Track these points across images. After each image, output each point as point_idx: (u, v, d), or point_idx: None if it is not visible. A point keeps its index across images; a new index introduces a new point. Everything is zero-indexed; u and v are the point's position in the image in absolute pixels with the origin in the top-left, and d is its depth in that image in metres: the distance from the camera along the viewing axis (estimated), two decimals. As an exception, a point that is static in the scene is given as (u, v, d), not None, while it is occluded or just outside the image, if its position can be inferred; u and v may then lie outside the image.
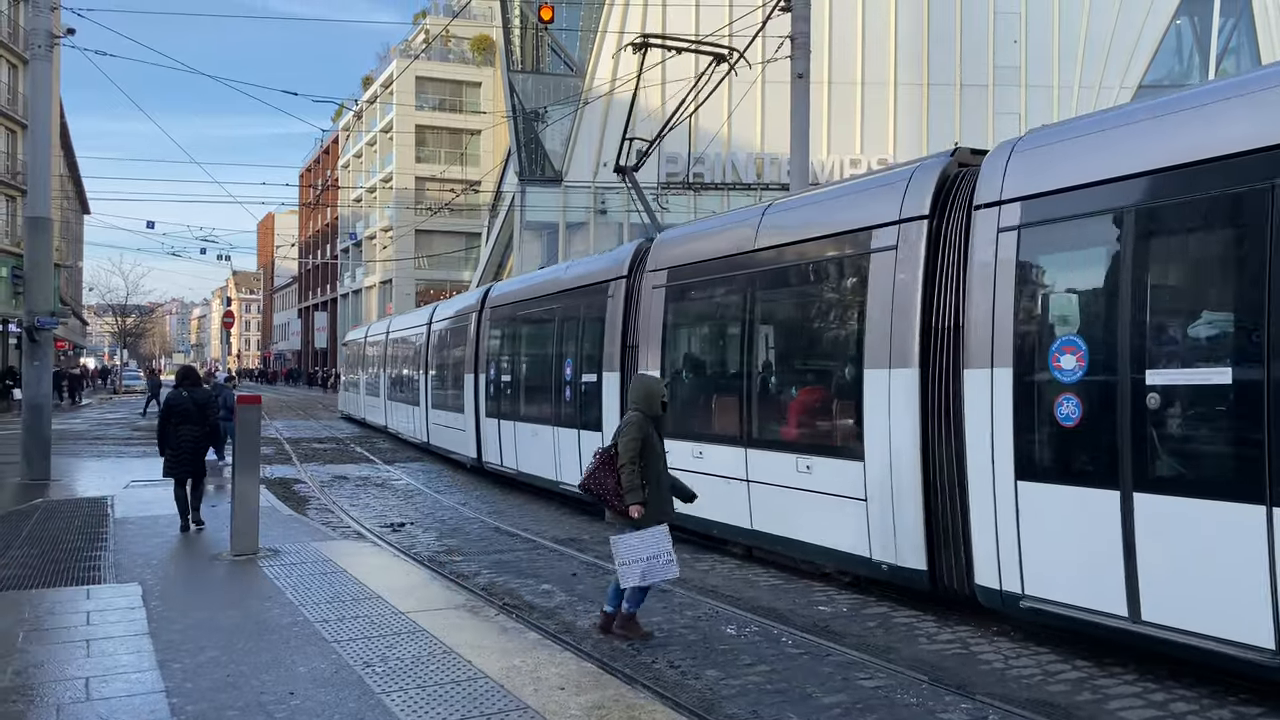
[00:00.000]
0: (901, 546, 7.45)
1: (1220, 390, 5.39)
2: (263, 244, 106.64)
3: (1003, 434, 6.52)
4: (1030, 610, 6.34)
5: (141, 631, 6.25)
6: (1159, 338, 5.75)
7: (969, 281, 6.97)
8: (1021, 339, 6.52)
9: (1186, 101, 5.88)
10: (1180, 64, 40.03)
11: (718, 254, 9.97)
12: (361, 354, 31.23)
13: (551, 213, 39.08)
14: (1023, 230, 6.64)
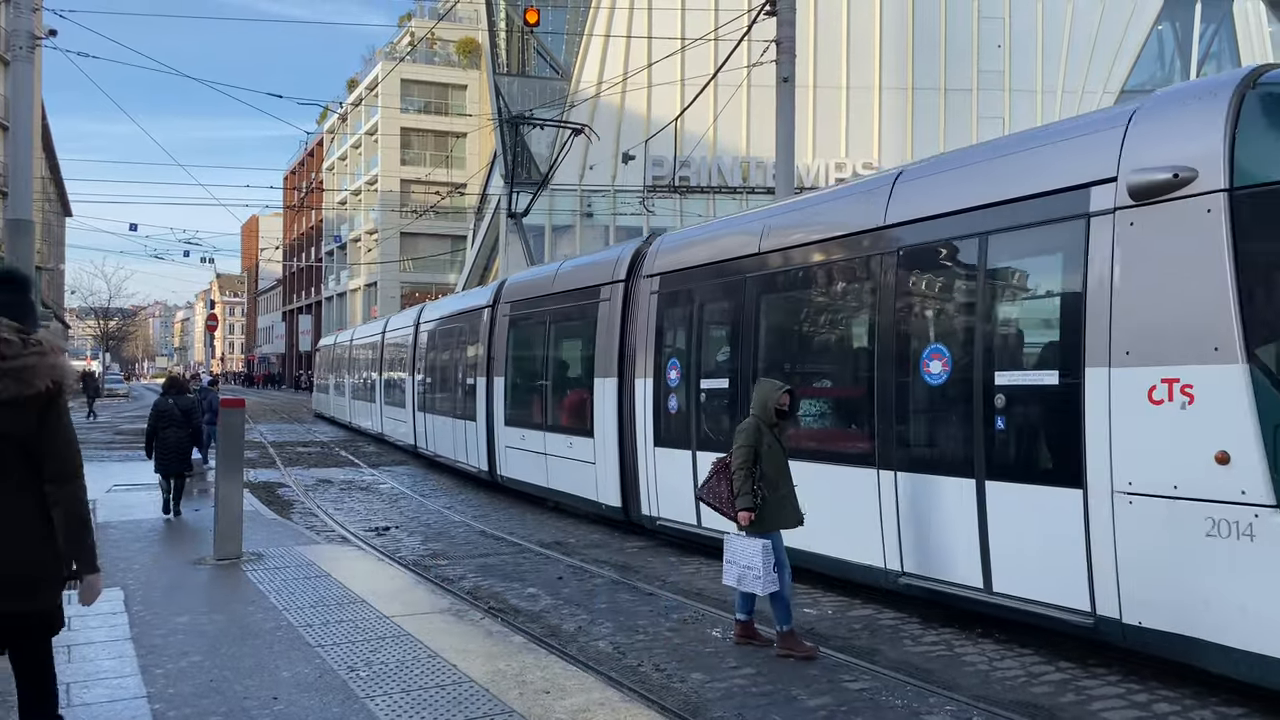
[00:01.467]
0: (610, 493, 11.42)
1: (727, 392, 9.58)
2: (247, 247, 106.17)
3: (648, 418, 10.68)
4: (660, 526, 10.52)
5: (124, 636, 6.20)
6: (707, 359, 10.05)
7: (635, 323, 11.09)
8: (655, 360, 10.65)
9: (728, 226, 10.60)
10: (1162, 69, 40.36)
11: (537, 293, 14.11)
12: (330, 358, 35.21)
13: (538, 215, 39.03)
14: (659, 293, 10.73)
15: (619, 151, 32.87)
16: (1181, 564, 5.44)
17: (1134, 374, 5.72)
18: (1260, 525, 5.06)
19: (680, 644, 6.68)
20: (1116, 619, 5.79)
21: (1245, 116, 5.49)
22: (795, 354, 9.33)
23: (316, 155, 77.34)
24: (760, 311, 9.27)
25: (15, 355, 3.23)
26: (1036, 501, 6.23)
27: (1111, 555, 5.77)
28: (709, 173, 38.74)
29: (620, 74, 35.27)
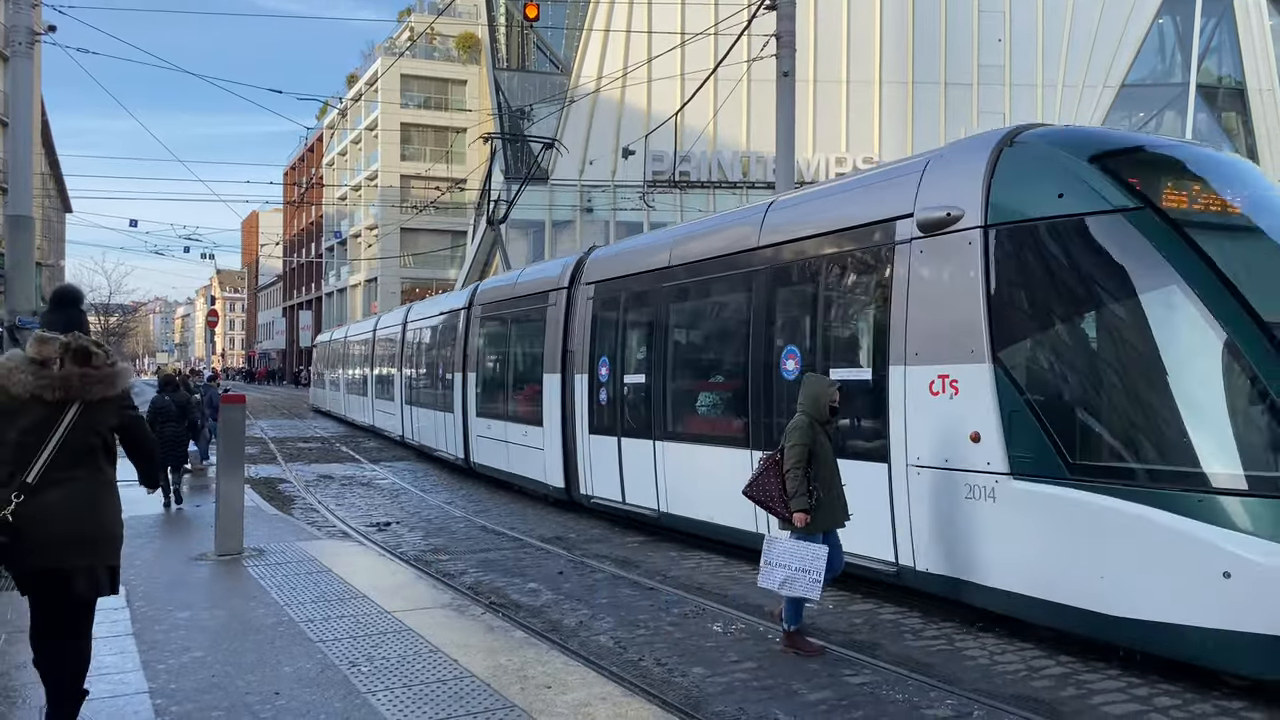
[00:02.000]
0: (556, 475, 12.83)
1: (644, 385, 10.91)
2: (247, 242, 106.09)
3: (584, 409, 12.05)
4: (594, 504, 11.92)
5: (125, 632, 6.21)
6: (630, 358, 11.33)
7: (575, 326, 12.52)
8: (590, 356, 12.00)
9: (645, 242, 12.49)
10: (1163, 63, 40.31)
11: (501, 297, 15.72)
12: (326, 354, 36.83)
13: (538, 211, 39.02)
14: (592, 299, 12.16)
15: (619, 146, 32.83)
16: (952, 521, 6.86)
17: (921, 371, 7.12)
18: (999, 489, 6.48)
19: (681, 638, 6.69)
20: (911, 567, 7.20)
21: (1000, 168, 6.85)
22: (694, 354, 10.79)
23: (316, 151, 77.22)
24: (669, 317, 10.76)
25: (105, 364, 4.16)
26: (860, 475, 7.39)
27: (907, 516, 7.22)
28: (709, 167, 38.70)
29: (620, 69, 35.22)
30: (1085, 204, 6.39)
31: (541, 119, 37.51)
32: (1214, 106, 40.36)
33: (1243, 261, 6.17)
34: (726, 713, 5.25)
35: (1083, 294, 6.52)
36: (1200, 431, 5.81)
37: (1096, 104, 39.13)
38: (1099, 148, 6.72)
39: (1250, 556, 5.28)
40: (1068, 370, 6.49)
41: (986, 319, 6.67)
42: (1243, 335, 5.75)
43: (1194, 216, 6.32)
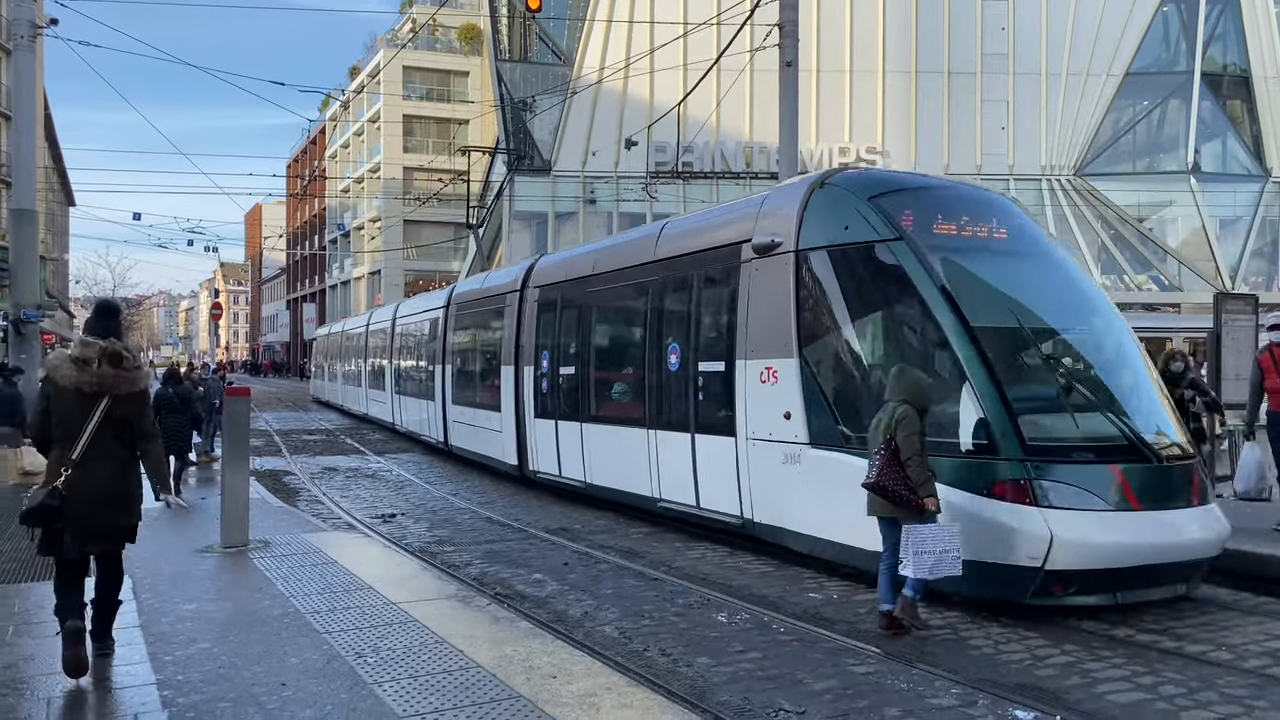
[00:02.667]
0: (511, 454, 14.53)
1: (573, 375, 12.58)
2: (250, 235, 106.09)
3: (530, 396, 13.72)
4: (539, 478, 13.53)
5: (132, 624, 6.22)
6: (563, 353, 12.91)
7: (524, 324, 14.18)
8: (535, 351, 13.66)
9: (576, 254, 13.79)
10: (1167, 51, 40.12)
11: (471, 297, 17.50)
12: (324, 348, 38.80)
13: (541, 202, 39.00)
14: (537, 301, 13.83)
15: (621, 137, 32.75)
16: (775, 482, 8.65)
17: (755, 364, 8.93)
18: (803, 455, 8.30)
19: (686, 629, 6.71)
20: (751, 519, 9.02)
21: (810, 206, 8.60)
22: (609, 349, 12.49)
23: (319, 143, 77.15)
24: (592, 317, 12.55)
25: (132, 366, 5.27)
26: (715, 446, 9.44)
27: (747, 479, 9.02)
28: (712, 158, 38.63)
29: (623, 59, 35.15)
30: (862, 234, 8.14)
31: (544, 110, 37.47)
32: (1218, 94, 40.20)
33: (964, 278, 7.84)
34: (731, 702, 5.26)
35: (856, 304, 8.36)
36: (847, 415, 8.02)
37: (1100, 92, 39.00)
38: (878, 189, 8.39)
39: (953, 500, 6.88)
40: (844, 362, 8.36)
41: (795, 322, 8.53)
42: (955, 337, 7.34)
43: (936, 243, 7.89)
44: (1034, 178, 39.20)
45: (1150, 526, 6.89)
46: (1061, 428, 7.23)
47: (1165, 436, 7.43)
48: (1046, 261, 8.45)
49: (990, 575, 6.81)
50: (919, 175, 10.22)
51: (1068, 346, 8.14)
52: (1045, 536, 6.60)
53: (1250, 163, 40.28)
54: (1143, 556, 6.79)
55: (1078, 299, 8.41)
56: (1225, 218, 40.05)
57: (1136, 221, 39.66)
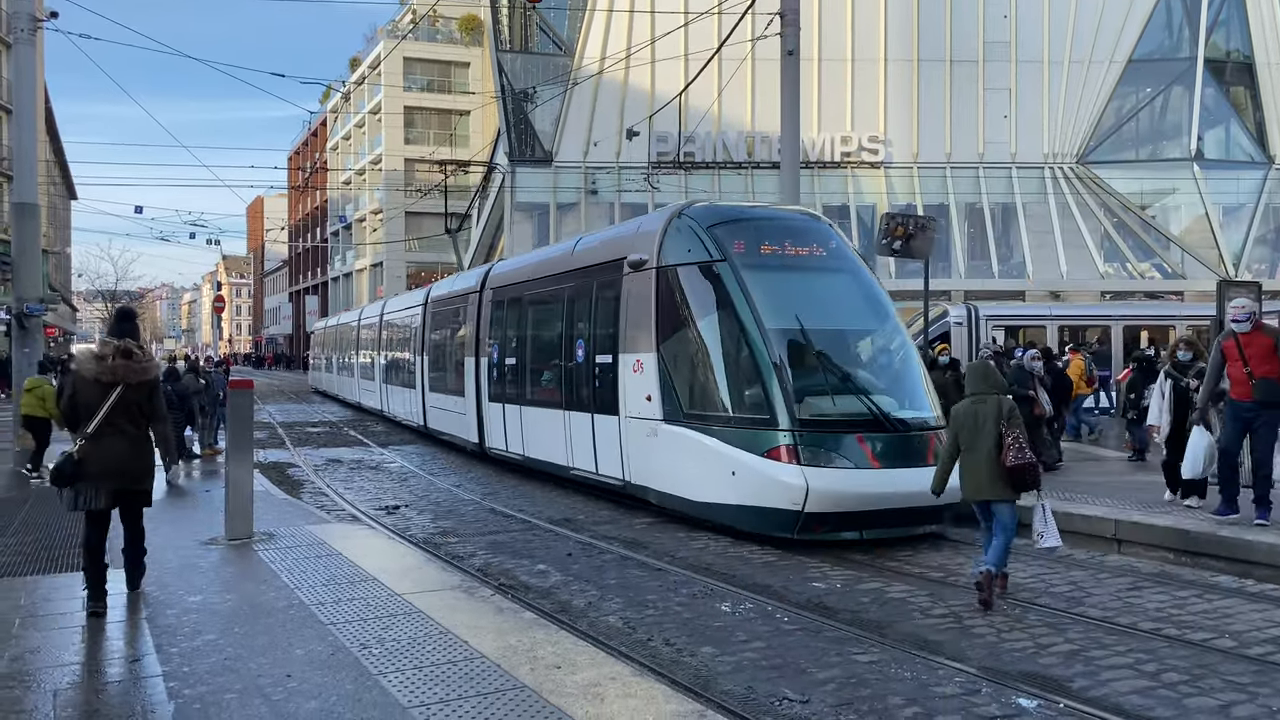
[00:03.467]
0: (473, 434, 16.47)
1: (515, 365, 14.69)
2: (252, 228, 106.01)
3: (485, 383, 15.80)
4: (494, 454, 15.55)
5: (139, 616, 6.25)
6: (506, 345, 15.03)
7: (482, 320, 16.15)
8: (488, 344, 15.74)
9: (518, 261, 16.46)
10: (1170, 37, 39.92)
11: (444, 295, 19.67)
12: (322, 340, 41.20)
13: (542, 193, 38.93)
14: (490, 301, 15.91)
15: (623, 128, 32.67)
16: (642, 450, 10.74)
17: (629, 357, 11.00)
18: (659, 430, 10.39)
19: (690, 619, 6.72)
20: (630, 481, 11.09)
21: (668, 232, 10.71)
22: (538, 343, 14.29)
23: (320, 135, 77.01)
24: (527, 315, 14.66)
25: (143, 360, 6.59)
26: (606, 424, 11.49)
27: (626, 449, 11.08)
28: (714, 148, 38.51)
29: (624, 49, 35.04)
30: (699, 256, 10.29)
31: (545, 101, 37.38)
32: (1221, 81, 40.03)
33: (770, 288, 9.92)
34: (735, 692, 5.28)
35: (694, 311, 10.24)
36: (731, 393, 9.75)
37: (1103, 79, 38.83)
38: (717, 220, 10.60)
39: (743, 461, 9.24)
40: (686, 357, 10.31)
41: (655, 324, 10.60)
42: (754, 336, 9.54)
43: (757, 262, 10.16)
44: (1036, 166, 39.09)
45: (886, 480, 8.99)
46: (824, 406, 9.40)
47: (910, 414, 9.62)
48: (851, 276, 10.69)
49: (767, 516, 9.11)
50: (757, 208, 12.92)
51: (849, 343, 10.34)
52: (803, 487, 8.79)
53: (1254, 150, 40.11)
54: (880, 503, 8.95)
55: (869, 305, 10.58)
56: (1228, 205, 39.89)
57: (1139, 209, 39.53)
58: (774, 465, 8.98)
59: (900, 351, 10.30)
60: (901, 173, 39.09)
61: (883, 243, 14.45)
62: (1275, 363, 8.66)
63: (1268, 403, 8.65)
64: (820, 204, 38.07)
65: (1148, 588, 7.41)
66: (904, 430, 9.38)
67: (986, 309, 23.24)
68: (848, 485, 8.94)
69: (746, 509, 9.22)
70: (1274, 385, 8.64)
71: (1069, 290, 37.05)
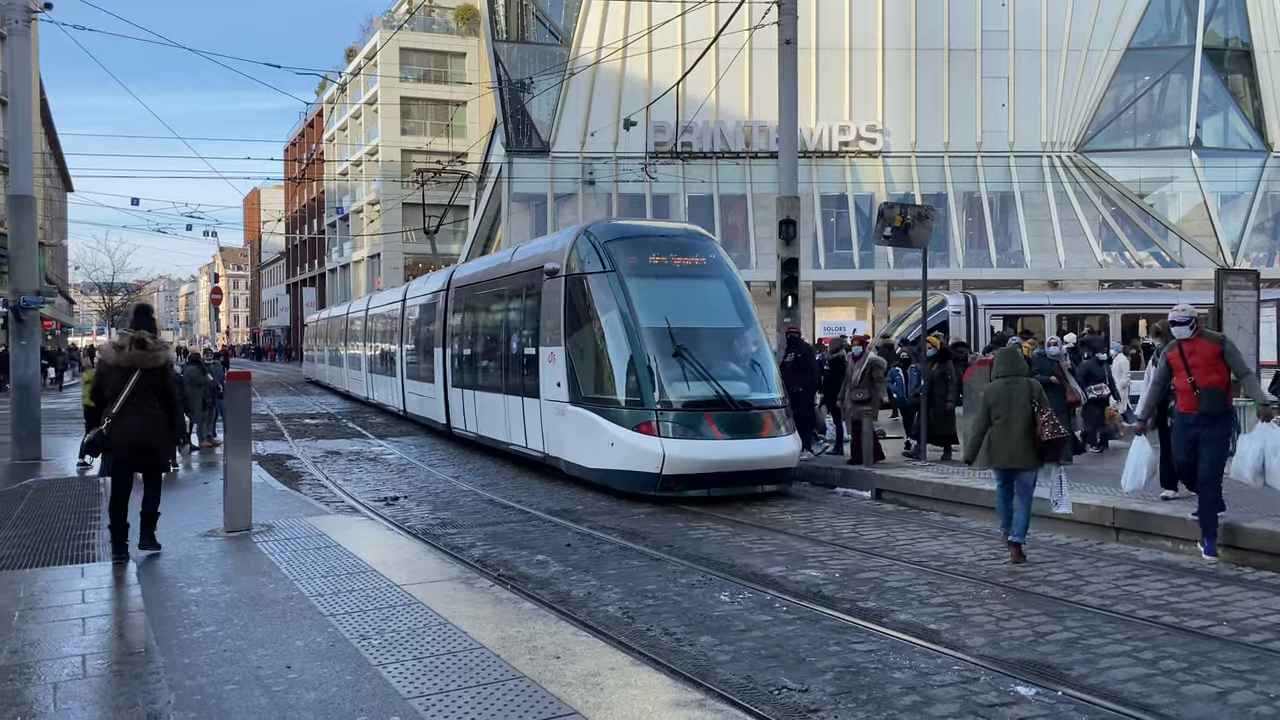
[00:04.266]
0: (440, 416, 18.66)
1: (469, 355, 17.39)
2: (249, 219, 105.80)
3: (450, 371, 17.99)
4: (456, 433, 17.73)
5: (137, 608, 6.26)
6: (464, 337, 17.59)
7: (446, 316, 18.44)
8: (452, 337, 18.09)
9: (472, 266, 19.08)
10: (1168, 25, 39.82)
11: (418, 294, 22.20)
12: (314, 333, 43.70)
13: (539, 184, 38.84)
14: (452, 299, 18.30)
15: (620, 118, 32.58)
16: (556, 428, 12.81)
17: (546, 349, 13.10)
18: (567, 410, 12.43)
19: (689, 608, 6.73)
20: (548, 453, 13.15)
21: (574, 247, 12.81)
22: (485, 336, 16.55)
23: (316, 126, 76.81)
24: (477, 313, 17.04)
25: (155, 348, 7.71)
26: (532, 405, 13.58)
27: (545, 427, 13.14)
28: (711, 137, 38.42)
29: (620, 38, 34.92)
30: (595, 267, 12.45)
31: (542, 91, 37.25)
32: (1220, 69, 39.94)
33: (649, 294, 12.02)
34: (734, 681, 5.29)
35: (589, 312, 12.32)
36: (613, 380, 11.85)
37: (1101, 68, 38.75)
38: (612, 236, 12.74)
39: (619, 435, 11.47)
40: (583, 350, 12.35)
41: (563, 323, 12.70)
42: (630, 333, 11.75)
43: (643, 272, 12.28)
44: (1035, 154, 39.04)
45: (728, 449, 11.22)
46: (681, 391, 11.42)
47: (753, 396, 11.70)
48: (724, 283, 12.78)
49: (636, 478, 11.40)
50: (649, 225, 15.00)
51: (712, 339, 12.14)
52: (660, 455, 11.07)
53: (1252, 137, 40.06)
54: (722, 467, 11.21)
55: (735, 308, 12.56)
56: (1227, 193, 39.86)
57: (1138, 197, 39.49)
58: (641, 437, 11.24)
59: (755, 345, 12.37)
60: (899, 162, 39.03)
61: (881, 233, 14.42)
62: (1221, 371, 8.03)
63: (1213, 415, 8.02)
64: (818, 193, 38.08)
65: (1145, 575, 7.44)
66: (745, 409, 11.50)
67: (985, 298, 23.25)
68: (696, 453, 11.14)
69: (623, 473, 11.52)
70: (1219, 395, 8.03)
71: (1067, 279, 37.04)
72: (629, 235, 12.90)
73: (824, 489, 12.50)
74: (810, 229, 36.68)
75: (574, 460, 12.47)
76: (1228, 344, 8.20)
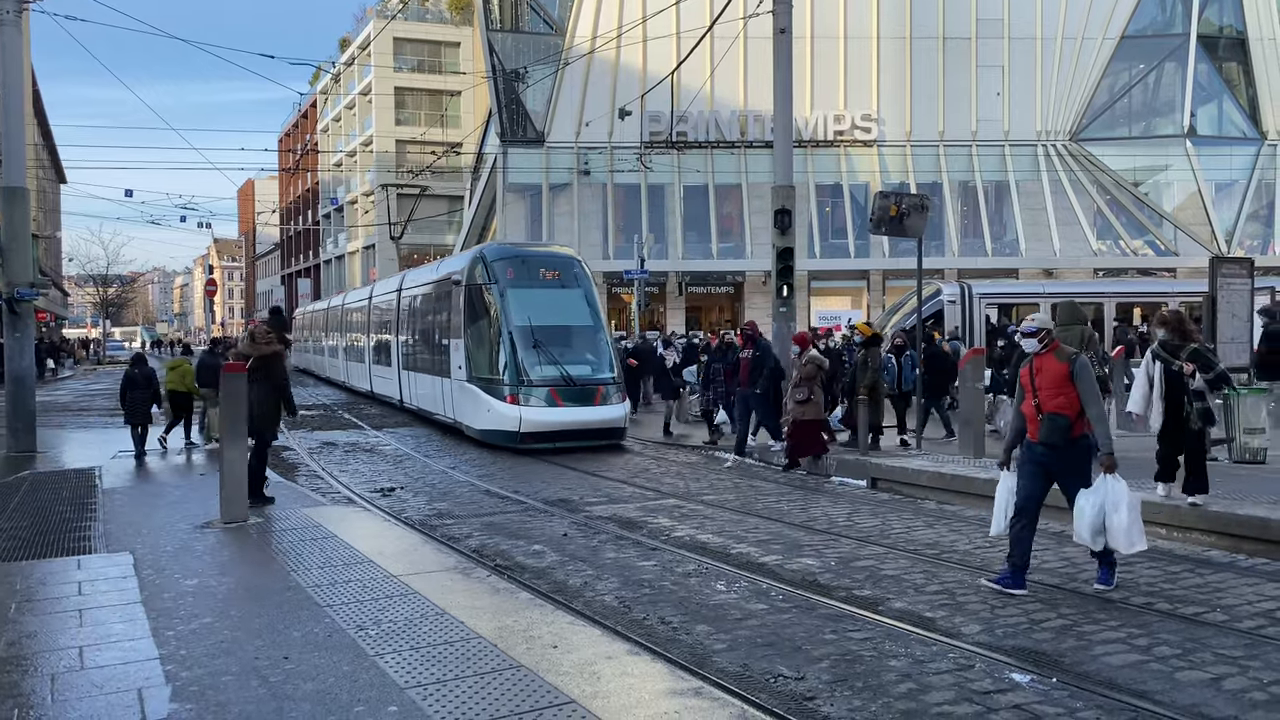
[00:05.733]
0: (396, 394, 22.83)
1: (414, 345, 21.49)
2: (243, 211, 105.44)
3: (402, 357, 22.27)
4: (408, 408, 21.75)
5: (134, 600, 6.26)
6: (412, 330, 21.49)
7: (399, 312, 22.63)
8: (404, 329, 22.28)
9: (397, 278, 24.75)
10: (1163, 13, 39.80)
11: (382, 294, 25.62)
12: (302, 324, 47.08)
13: (534, 174, 38.75)
14: (400, 298, 22.52)
15: (615, 107, 32.51)
16: (459, 400, 16.93)
17: (453, 340, 17.15)
18: (466, 386, 16.53)
19: (685, 597, 6.75)
20: (456, 420, 17.22)
21: (471, 263, 16.87)
22: (421, 331, 20.30)
23: (310, 117, 76.47)
24: (415, 312, 20.95)
25: (261, 341, 9.85)
26: (447, 384, 17.50)
27: (454, 399, 17.30)
28: (706, 127, 38.37)
29: (615, 28, 34.82)
30: (483, 280, 16.29)
31: (536, 81, 37.13)
32: (1214, 57, 39.94)
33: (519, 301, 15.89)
34: (730, 669, 5.31)
35: (477, 314, 16.34)
36: (492, 364, 15.71)
37: (1096, 56, 38.73)
38: (495, 257, 16.60)
39: (494, 404, 15.53)
40: (475, 341, 16.28)
41: (463, 321, 16.62)
42: (504, 330, 15.61)
43: (518, 284, 16.10)
44: (1029, 143, 39.04)
45: (567, 414, 15.23)
46: (535, 372, 15.37)
47: (588, 375, 15.71)
48: (581, 292, 16.71)
49: (504, 435, 15.38)
50: (528, 247, 20.08)
51: (564, 334, 16.05)
52: (518, 418, 15.19)
53: (1246, 125, 40.09)
54: (562, 426, 15.17)
55: (587, 311, 16.60)
56: (1221, 181, 39.91)
57: (1132, 186, 39.53)
58: (507, 406, 15.29)
59: (598, 338, 16.46)
60: (894, 151, 39.00)
61: (876, 222, 14.40)
62: (1069, 395, 6.66)
63: (1051, 444, 6.71)
64: (813, 183, 38.07)
65: (1139, 563, 7.46)
66: (582, 386, 15.48)
67: (980, 287, 23.26)
68: (543, 417, 15.23)
69: (496, 431, 15.58)
70: (1063, 425, 6.65)
71: (1062, 267, 37.09)
72: (511, 255, 16.95)
73: (819, 478, 12.53)
74: (805, 218, 36.67)
75: (468, 424, 16.56)
76: (1079, 364, 6.72)
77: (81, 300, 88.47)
